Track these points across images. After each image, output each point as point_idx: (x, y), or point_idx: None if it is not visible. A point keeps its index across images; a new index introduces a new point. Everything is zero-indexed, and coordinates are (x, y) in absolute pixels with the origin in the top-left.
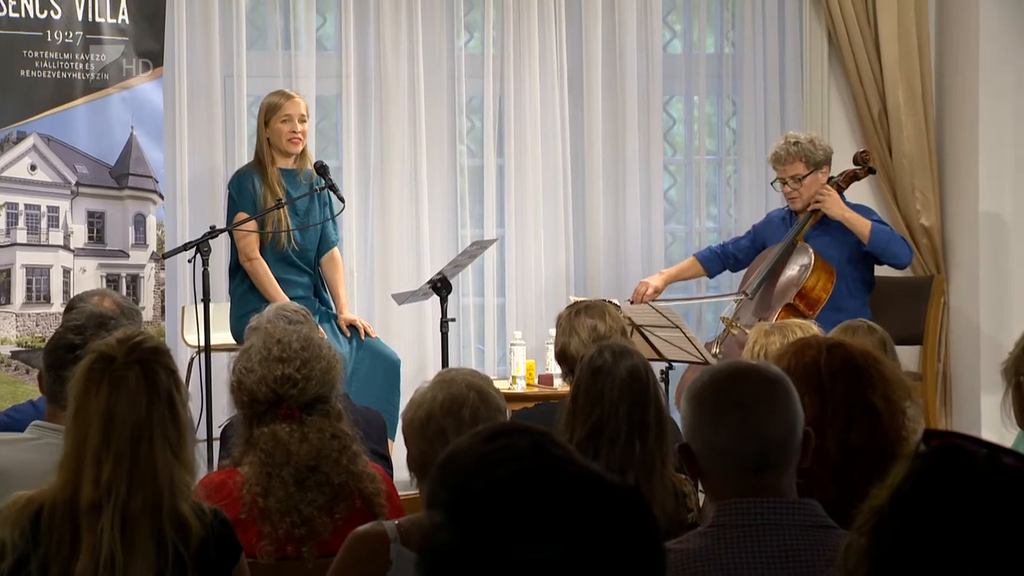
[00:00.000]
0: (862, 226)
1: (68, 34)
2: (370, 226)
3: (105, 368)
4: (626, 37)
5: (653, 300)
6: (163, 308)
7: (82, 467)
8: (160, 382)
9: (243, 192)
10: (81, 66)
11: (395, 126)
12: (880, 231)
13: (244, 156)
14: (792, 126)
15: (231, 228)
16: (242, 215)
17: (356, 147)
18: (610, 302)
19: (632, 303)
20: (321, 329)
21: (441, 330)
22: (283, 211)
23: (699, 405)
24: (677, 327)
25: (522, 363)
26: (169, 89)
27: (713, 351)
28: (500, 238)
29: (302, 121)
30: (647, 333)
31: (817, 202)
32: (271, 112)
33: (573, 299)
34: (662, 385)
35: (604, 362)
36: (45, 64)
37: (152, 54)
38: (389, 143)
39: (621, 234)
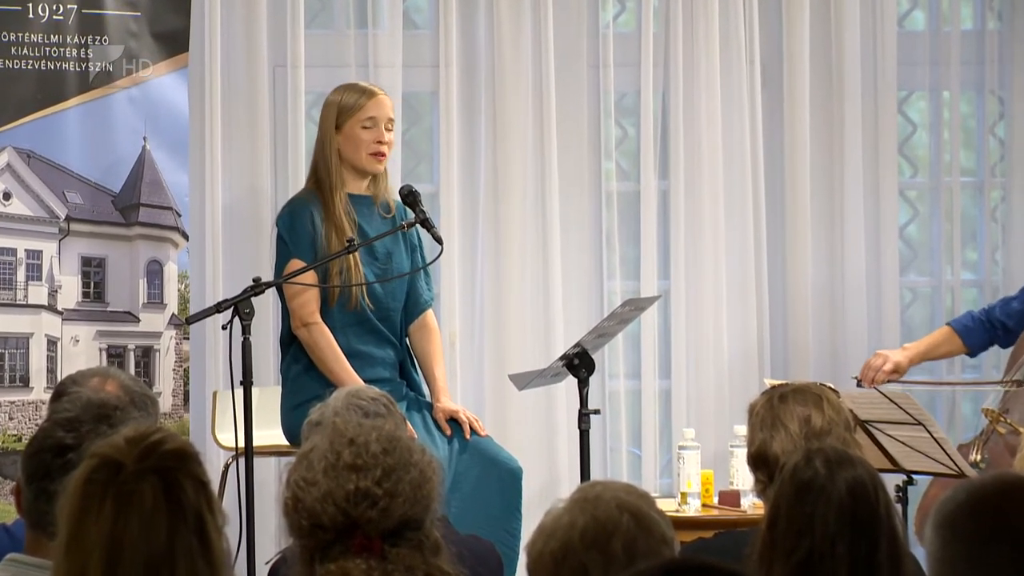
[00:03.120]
0: None
1: (57, 8)
2: (479, 278)
3: (110, 480)
4: (844, 7)
5: (890, 382)
6: (187, 394)
7: None
8: (186, 499)
9: (298, 230)
10: (75, 53)
11: (514, 136)
12: None
13: (302, 179)
14: None
15: (282, 281)
16: (297, 263)
17: (459, 166)
18: (824, 386)
19: (860, 384)
20: (410, 425)
21: (580, 427)
22: (355, 257)
23: (953, 536)
24: (920, 423)
25: (696, 474)
26: (197, 85)
27: (971, 458)
28: (664, 295)
29: (389, 128)
30: (876, 431)
31: None
32: (347, 114)
33: (769, 383)
34: (898, 508)
35: (815, 474)
36: (24, 51)
37: (174, 36)
38: (506, 160)
39: (838, 289)
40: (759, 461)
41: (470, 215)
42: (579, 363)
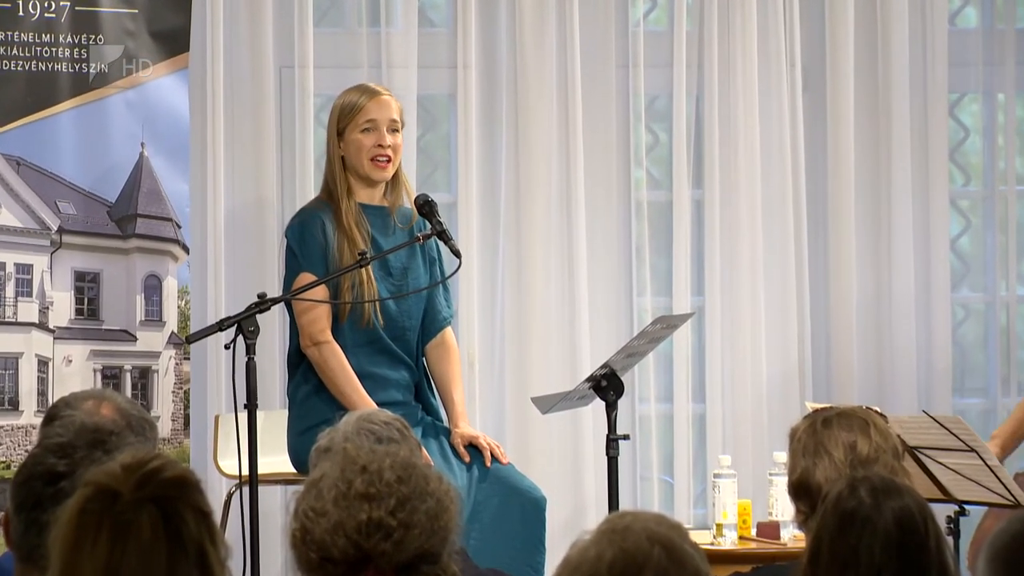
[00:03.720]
0: None
1: (49, 5)
2: (499, 294)
3: (106, 509)
4: (892, 4)
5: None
6: (187, 418)
7: None
8: (186, 530)
9: (308, 242)
10: (68, 53)
11: (538, 142)
12: None
13: (310, 187)
14: None
15: (290, 297)
16: (307, 277)
17: (479, 174)
18: (871, 410)
19: None
20: (425, 451)
21: (608, 453)
22: (368, 271)
23: (1007, 571)
24: (972, 450)
25: (732, 504)
26: (198, 87)
27: None
28: (698, 312)
29: (393, 130)
30: (926, 458)
31: None
32: (347, 117)
33: (811, 407)
34: (949, 540)
35: (859, 504)
36: (14, 51)
37: (173, 35)
38: (529, 167)
39: (885, 306)
40: (801, 490)
41: (490, 226)
42: (607, 385)
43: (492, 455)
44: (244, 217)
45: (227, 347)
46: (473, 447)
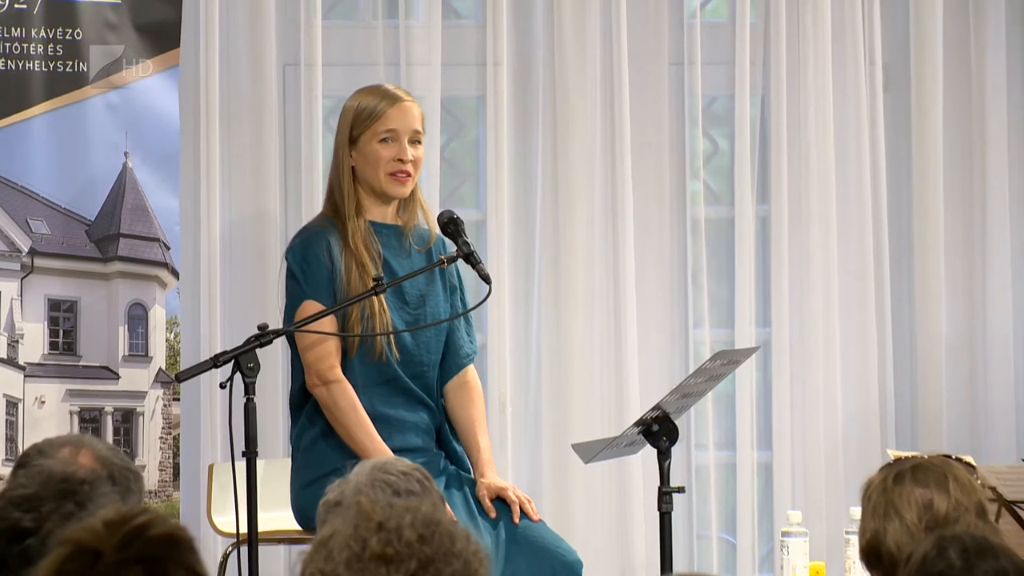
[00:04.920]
0: None
1: None
2: (535, 325)
3: (86, 571)
4: None
5: None
6: (177, 468)
7: None
8: None
9: (312, 266)
10: (40, 50)
11: (579, 150)
12: None
13: (318, 203)
14: None
15: (295, 328)
16: (312, 306)
17: (511, 187)
18: (959, 460)
19: None
20: (448, 506)
21: (660, 508)
22: (380, 299)
23: None
24: None
25: (803, 567)
26: (190, 88)
27: None
28: (764, 346)
29: (415, 142)
30: None
31: None
32: (362, 124)
33: (893, 455)
34: None
35: (949, 567)
36: None
37: (162, 29)
38: (568, 180)
39: (979, 341)
40: (872, 557)
41: (524, 248)
42: (659, 430)
43: (521, 510)
44: (243, 237)
45: (223, 386)
46: (501, 501)
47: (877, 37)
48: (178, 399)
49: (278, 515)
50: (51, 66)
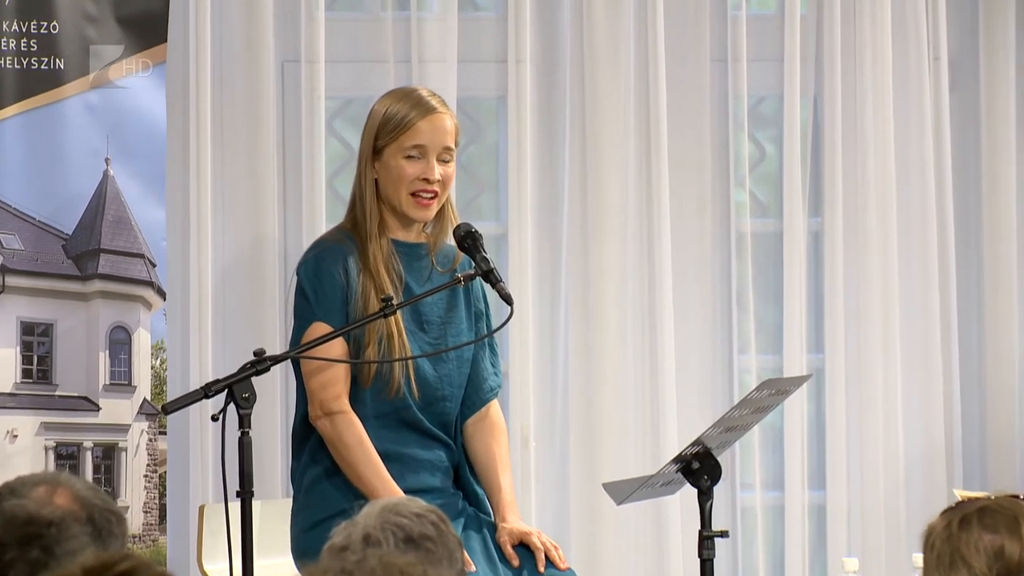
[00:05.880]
0: None
1: None
2: (562, 352)
3: None
4: None
5: None
6: (163, 509)
7: None
8: None
9: (325, 284)
10: (12, 45)
11: (610, 156)
12: None
13: (321, 216)
14: None
15: (298, 354)
16: (320, 328)
17: (534, 197)
18: None
19: None
20: (466, 552)
21: (701, 555)
22: (398, 324)
23: None
24: None
25: None
26: (179, 87)
27: None
28: (816, 374)
29: (446, 158)
30: None
31: None
32: (388, 133)
33: (960, 496)
34: None
35: None
36: None
37: (147, 22)
38: (599, 189)
39: None
40: None
41: (549, 265)
42: (700, 467)
43: (547, 557)
44: (237, 253)
45: (215, 419)
46: (524, 547)
47: (942, 30)
48: (165, 433)
49: (276, 562)
50: (24, 63)
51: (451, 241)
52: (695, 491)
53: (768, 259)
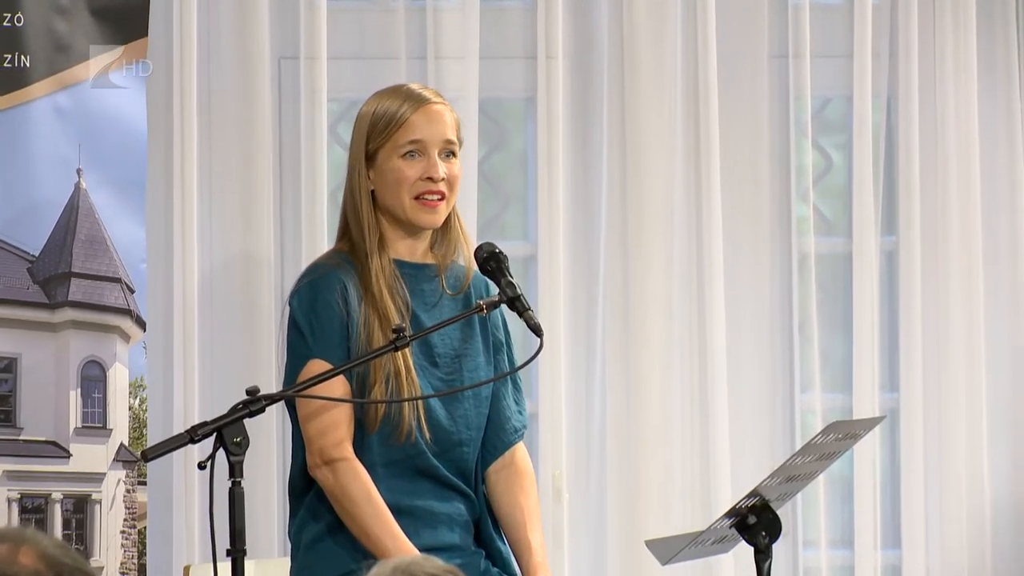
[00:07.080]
0: None
1: None
2: (599, 389)
3: None
4: None
5: None
6: (142, 569)
7: None
8: None
9: (321, 316)
10: None
11: (655, 165)
12: None
13: (322, 234)
14: None
15: (294, 393)
16: (318, 366)
17: (567, 213)
18: None
19: None
20: None
21: None
22: (405, 355)
23: None
24: None
25: None
26: (161, 87)
27: None
28: (891, 415)
29: (449, 154)
30: None
31: None
32: (380, 133)
33: None
34: None
35: None
36: None
37: (125, 13)
38: (640, 204)
39: None
40: None
41: (585, 290)
42: (756, 523)
43: None
44: (227, 278)
45: (201, 467)
46: None
47: None
48: (144, 483)
49: None
50: None
51: (460, 260)
52: (751, 549)
53: (835, 283)
